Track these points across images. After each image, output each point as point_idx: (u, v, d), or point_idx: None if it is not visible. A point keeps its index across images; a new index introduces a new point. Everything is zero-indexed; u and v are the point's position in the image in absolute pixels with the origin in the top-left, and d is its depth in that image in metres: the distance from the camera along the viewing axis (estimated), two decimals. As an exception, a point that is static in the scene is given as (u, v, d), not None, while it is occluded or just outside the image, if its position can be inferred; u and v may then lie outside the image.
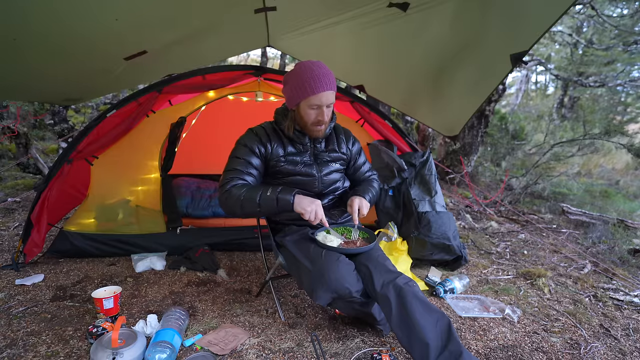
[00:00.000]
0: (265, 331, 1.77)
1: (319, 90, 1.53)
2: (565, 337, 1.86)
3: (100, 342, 1.44)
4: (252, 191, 1.55)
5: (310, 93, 1.53)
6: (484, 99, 2.42)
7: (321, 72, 1.54)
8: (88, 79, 2.46)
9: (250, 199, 1.53)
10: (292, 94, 1.60)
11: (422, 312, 1.39)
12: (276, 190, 1.54)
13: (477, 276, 2.55)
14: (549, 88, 16.40)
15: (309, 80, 1.53)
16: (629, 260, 3.05)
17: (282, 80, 1.66)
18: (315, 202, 1.54)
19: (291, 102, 1.64)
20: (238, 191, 1.55)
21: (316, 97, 1.54)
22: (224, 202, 1.59)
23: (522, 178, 5.59)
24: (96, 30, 1.76)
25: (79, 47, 1.89)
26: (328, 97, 1.56)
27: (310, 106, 1.57)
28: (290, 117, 1.67)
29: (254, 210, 1.55)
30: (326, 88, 1.54)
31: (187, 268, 2.43)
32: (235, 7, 2.06)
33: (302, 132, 1.69)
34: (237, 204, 1.55)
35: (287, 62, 11.16)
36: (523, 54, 1.95)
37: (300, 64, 1.59)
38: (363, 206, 1.67)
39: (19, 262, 2.33)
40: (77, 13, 1.56)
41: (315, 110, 1.59)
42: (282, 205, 1.52)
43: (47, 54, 1.87)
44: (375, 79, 2.87)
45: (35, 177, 4.51)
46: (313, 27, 2.48)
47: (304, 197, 1.55)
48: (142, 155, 2.66)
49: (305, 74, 1.54)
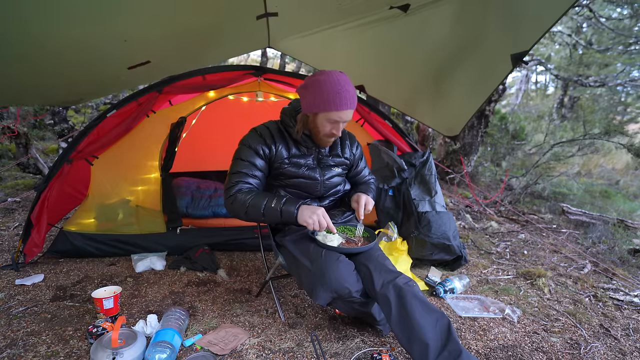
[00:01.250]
0: (265, 331, 1.77)
1: (341, 108, 1.50)
2: (565, 337, 1.86)
3: (100, 342, 1.44)
4: (257, 199, 1.54)
5: (333, 109, 1.50)
6: (484, 99, 2.42)
7: (347, 89, 1.50)
8: (90, 86, 2.47)
9: (255, 207, 1.53)
10: (313, 102, 1.54)
11: (422, 312, 1.39)
12: (281, 201, 1.53)
13: (477, 276, 2.55)
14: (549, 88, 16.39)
15: (334, 95, 1.48)
16: (629, 260, 3.05)
17: (303, 83, 1.60)
18: (317, 212, 1.51)
19: (308, 108, 1.58)
20: (244, 197, 1.55)
21: (337, 114, 1.52)
22: (230, 207, 1.60)
23: (522, 178, 5.59)
24: (105, 52, 1.78)
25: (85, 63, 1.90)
26: (348, 115, 1.54)
27: (329, 120, 1.54)
28: (302, 120, 1.64)
29: (258, 218, 1.56)
30: (349, 107, 1.52)
31: (187, 268, 2.43)
32: (236, 13, 2.06)
33: (309, 136, 1.68)
34: (242, 210, 1.56)
35: (287, 62, 11.16)
36: (523, 54, 1.95)
37: (327, 74, 1.52)
38: (369, 202, 1.69)
39: (19, 262, 2.33)
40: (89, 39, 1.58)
41: (332, 124, 1.57)
42: (286, 218, 1.52)
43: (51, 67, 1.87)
44: (375, 79, 2.87)
45: (35, 177, 4.51)
46: (314, 30, 2.49)
47: (306, 208, 1.53)
48: (142, 155, 2.66)
49: (331, 88, 1.49)
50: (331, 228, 1.55)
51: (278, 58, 12.28)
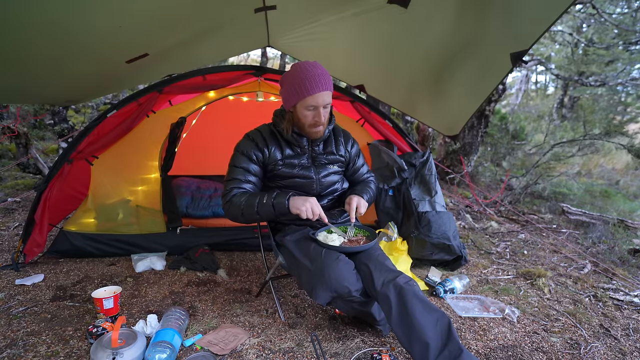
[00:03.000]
0: (265, 331, 1.77)
1: (314, 91, 1.52)
2: (565, 337, 1.86)
3: (100, 342, 1.44)
4: (250, 199, 1.59)
5: (306, 94, 1.53)
6: (484, 98, 2.42)
7: (317, 73, 1.53)
8: (90, 82, 2.46)
9: (249, 207, 1.58)
10: (288, 96, 1.60)
11: (422, 311, 1.39)
12: (272, 196, 1.57)
13: (477, 276, 2.55)
14: (549, 88, 16.40)
15: (304, 81, 1.52)
16: (629, 260, 3.05)
17: (279, 82, 1.66)
18: (310, 200, 1.55)
19: (288, 104, 1.64)
20: (238, 200, 1.60)
21: (312, 98, 1.54)
22: (227, 211, 1.65)
23: (522, 178, 5.59)
24: (99, 37, 1.77)
25: (81, 53, 1.89)
26: (324, 97, 1.55)
27: (307, 107, 1.57)
28: (287, 118, 1.67)
29: (254, 217, 1.60)
30: (322, 89, 1.53)
31: (187, 268, 2.43)
32: (235, 7, 2.06)
33: (300, 134, 1.69)
34: (239, 212, 1.60)
35: (287, 62, 11.15)
36: (523, 53, 1.95)
37: (296, 65, 1.59)
38: (361, 205, 1.68)
39: (19, 262, 2.33)
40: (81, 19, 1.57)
41: (312, 111, 1.58)
42: (279, 210, 1.56)
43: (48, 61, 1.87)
44: (375, 79, 2.88)
45: (35, 177, 4.51)
46: (313, 26, 2.48)
47: (297, 198, 1.57)
48: (142, 155, 2.66)
49: (301, 75, 1.53)
50: (322, 217, 1.57)
51: (278, 58, 12.28)
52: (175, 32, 2.04)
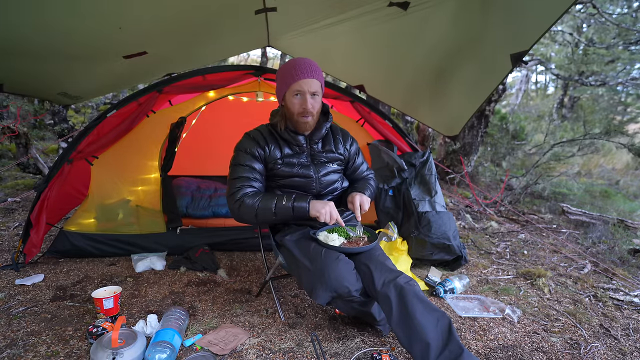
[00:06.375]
0: (265, 331, 1.77)
1: (299, 77, 1.57)
2: (565, 337, 1.86)
3: (100, 342, 1.44)
4: (266, 201, 1.59)
5: (291, 81, 1.58)
6: (484, 98, 2.42)
7: (303, 62, 1.59)
8: (87, 74, 2.46)
9: (266, 209, 1.57)
10: (279, 88, 1.66)
11: (423, 311, 1.39)
12: (291, 198, 1.59)
13: (477, 276, 2.55)
14: (549, 88, 16.40)
15: (290, 70, 1.59)
16: (629, 260, 3.05)
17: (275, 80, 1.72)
18: (329, 204, 1.59)
19: (279, 96, 1.69)
20: (251, 200, 1.59)
21: (297, 84, 1.58)
22: (236, 212, 1.62)
23: (522, 178, 5.59)
24: (99, 37, 1.77)
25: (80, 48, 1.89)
26: (310, 83, 1.58)
27: (293, 94, 1.60)
28: (280, 112, 1.71)
29: (269, 219, 1.61)
30: (307, 75, 1.57)
31: (187, 268, 2.43)
32: (235, 9, 2.06)
33: (295, 131, 1.70)
34: (252, 214, 1.59)
35: (287, 62, 11.13)
36: (523, 53, 1.95)
37: (287, 61, 1.65)
38: (364, 202, 1.69)
39: (19, 262, 2.33)
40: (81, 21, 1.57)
41: (299, 98, 1.61)
42: (298, 213, 1.58)
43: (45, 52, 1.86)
44: (375, 79, 2.88)
45: (35, 177, 4.51)
46: (313, 27, 2.48)
47: (317, 202, 1.60)
48: (142, 155, 2.66)
49: (288, 66, 1.61)
50: (339, 222, 1.60)
51: (278, 58, 12.28)
52: (175, 32, 2.04)
